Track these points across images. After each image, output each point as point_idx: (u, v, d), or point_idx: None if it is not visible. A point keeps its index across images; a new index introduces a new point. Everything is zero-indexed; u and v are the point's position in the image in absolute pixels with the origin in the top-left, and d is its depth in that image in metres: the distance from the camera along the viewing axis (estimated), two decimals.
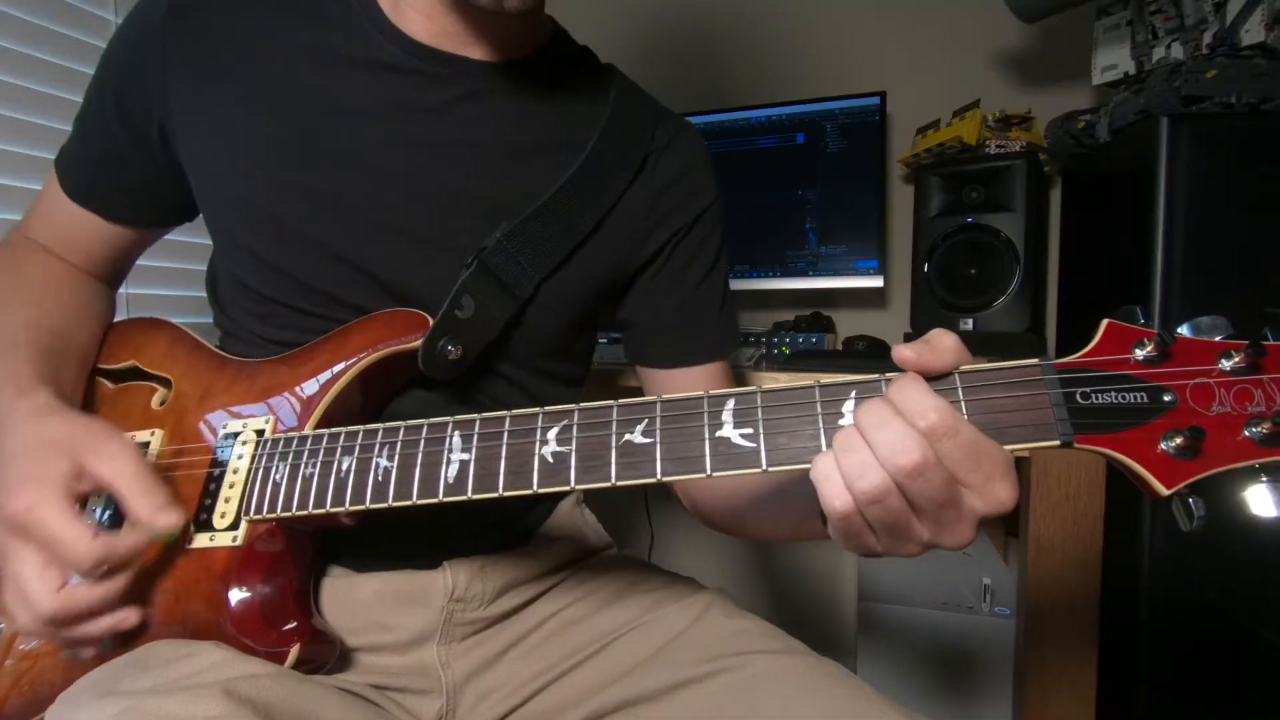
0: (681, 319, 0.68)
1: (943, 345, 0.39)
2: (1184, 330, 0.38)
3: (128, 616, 0.48)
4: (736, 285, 1.38)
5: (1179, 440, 0.35)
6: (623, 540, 0.71)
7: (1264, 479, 0.36)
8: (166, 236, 0.71)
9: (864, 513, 0.37)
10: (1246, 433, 0.36)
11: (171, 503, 0.47)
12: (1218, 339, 0.37)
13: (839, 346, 1.35)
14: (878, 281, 1.31)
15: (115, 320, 0.67)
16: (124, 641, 0.49)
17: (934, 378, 0.39)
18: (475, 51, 0.59)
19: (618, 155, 0.63)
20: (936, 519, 0.37)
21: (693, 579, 0.67)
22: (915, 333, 1.30)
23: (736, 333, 0.72)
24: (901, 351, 0.39)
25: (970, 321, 1.22)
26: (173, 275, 1.19)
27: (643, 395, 0.45)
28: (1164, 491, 0.36)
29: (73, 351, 0.59)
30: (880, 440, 0.36)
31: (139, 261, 0.72)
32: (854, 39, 1.48)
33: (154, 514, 0.46)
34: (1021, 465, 0.86)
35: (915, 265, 1.28)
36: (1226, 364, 0.37)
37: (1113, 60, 1.09)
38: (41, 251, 0.65)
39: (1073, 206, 1.29)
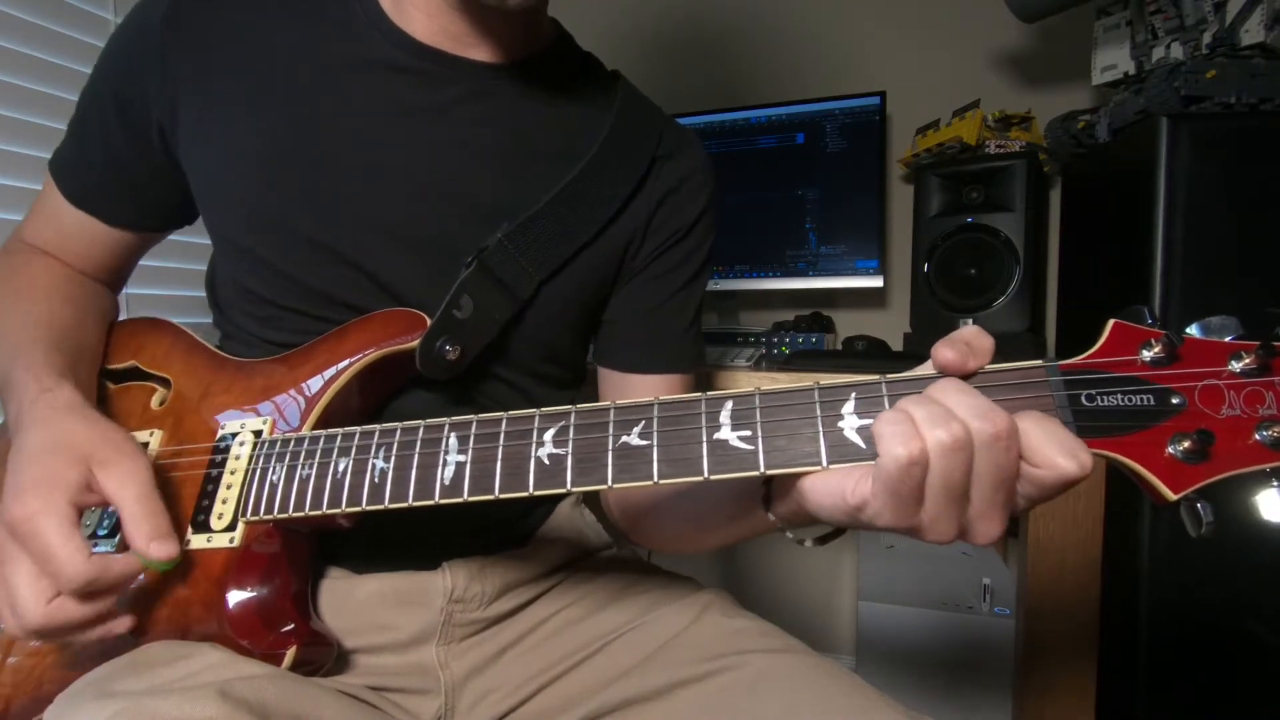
0: (653, 323, 0.67)
1: (983, 348, 0.38)
2: (1193, 330, 0.37)
3: (117, 625, 0.48)
4: (736, 285, 1.39)
5: (1187, 444, 0.35)
6: (622, 540, 0.71)
7: (1275, 484, 0.35)
8: (166, 236, 0.71)
9: (934, 465, 0.35)
10: (1257, 436, 0.35)
11: (169, 534, 0.46)
12: (1227, 339, 0.36)
13: (839, 346, 1.35)
14: (877, 281, 1.31)
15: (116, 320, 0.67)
16: (122, 643, 0.49)
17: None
18: (477, 52, 0.59)
19: (622, 161, 0.62)
20: (991, 498, 0.35)
21: (692, 579, 0.67)
22: (915, 333, 1.30)
23: (702, 350, 0.71)
24: (943, 352, 0.37)
25: (970, 322, 1.21)
26: (173, 275, 1.19)
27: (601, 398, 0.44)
28: (1171, 497, 0.35)
29: (85, 350, 0.59)
30: (962, 403, 0.35)
31: (139, 261, 0.72)
32: (854, 39, 1.48)
33: (148, 544, 0.45)
34: None
35: (915, 265, 1.27)
36: (1236, 365, 0.36)
37: (1113, 60, 1.09)
38: (41, 255, 0.65)
39: (1073, 206, 1.29)
